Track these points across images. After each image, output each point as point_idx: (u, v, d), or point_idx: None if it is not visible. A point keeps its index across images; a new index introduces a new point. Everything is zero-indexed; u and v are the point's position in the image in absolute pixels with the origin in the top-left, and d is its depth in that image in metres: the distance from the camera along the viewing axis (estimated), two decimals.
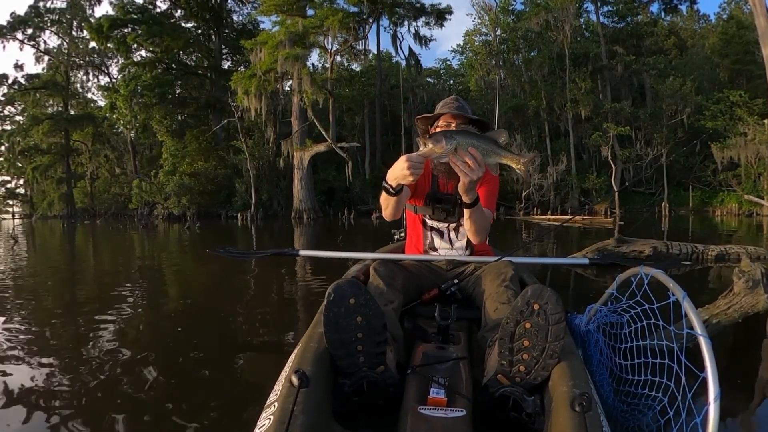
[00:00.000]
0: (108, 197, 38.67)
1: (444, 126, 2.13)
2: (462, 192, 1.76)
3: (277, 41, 24.41)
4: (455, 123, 2.11)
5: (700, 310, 2.88)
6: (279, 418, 1.19)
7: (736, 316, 2.82)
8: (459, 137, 1.54)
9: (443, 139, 1.53)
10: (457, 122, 2.11)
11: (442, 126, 2.15)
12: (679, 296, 1.33)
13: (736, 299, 2.88)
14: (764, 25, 13.34)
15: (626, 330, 1.64)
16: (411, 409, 1.40)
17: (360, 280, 1.93)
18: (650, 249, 6.13)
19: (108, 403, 2.17)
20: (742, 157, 24.15)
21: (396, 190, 1.81)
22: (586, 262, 2.56)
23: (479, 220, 1.94)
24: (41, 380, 2.45)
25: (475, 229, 1.98)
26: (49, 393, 2.29)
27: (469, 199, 1.80)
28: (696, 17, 40.87)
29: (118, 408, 2.12)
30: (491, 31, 33.19)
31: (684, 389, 1.34)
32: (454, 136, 1.54)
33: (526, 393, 1.40)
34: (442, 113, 2.15)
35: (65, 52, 39.87)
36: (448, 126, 2.12)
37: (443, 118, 2.15)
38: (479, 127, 2.19)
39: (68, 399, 2.21)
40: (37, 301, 4.65)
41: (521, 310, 1.40)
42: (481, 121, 2.14)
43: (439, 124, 2.16)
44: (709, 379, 1.17)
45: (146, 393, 2.29)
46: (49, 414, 2.06)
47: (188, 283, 6.13)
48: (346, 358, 1.45)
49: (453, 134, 1.56)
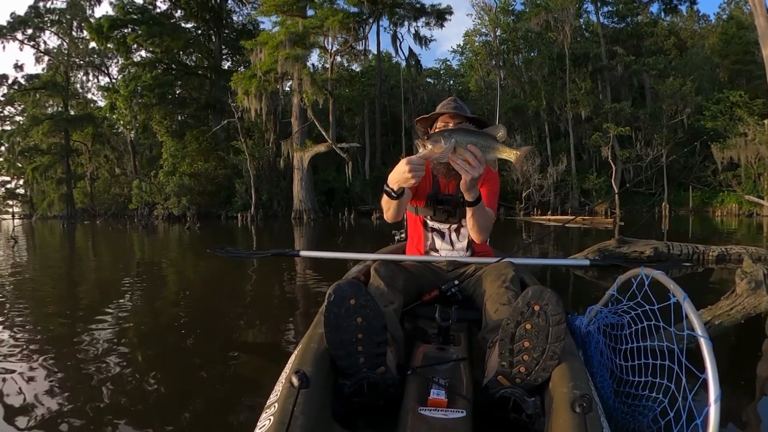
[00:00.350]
0: (108, 198, 38.70)
1: (442, 126, 2.14)
2: (464, 190, 1.76)
3: (277, 41, 24.42)
4: (453, 122, 2.11)
5: (703, 311, 2.88)
6: (279, 418, 1.19)
7: (739, 317, 2.82)
8: (457, 135, 1.54)
9: (441, 138, 1.53)
10: (455, 121, 2.11)
11: (440, 126, 2.15)
12: (680, 297, 1.33)
13: (738, 300, 2.88)
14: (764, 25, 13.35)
15: (626, 331, 1.64)
16: (411, 410, 1.40)
17: (360, 281, 1.93)
18: (651, 250, 6.11)
19: (107, 404, 2.17)
20: (742, 158, 24.17)
21: (397, 194, 1.81)
22: (587, 263, 2.55)
23: (482, 219, 1.94)
24: (41, 380, 2.45)
25: (477, 228, 1.98)
26: (48, 393, 2.28)
27: (471, 197, 1.80)
28: (696, 17, 40.94)
29: (117, 408, 2.12)
30: (491, 32, 33.21)
31: (684, 390, 1.34)
32: (451, 135, 1.54)
33: (527, 394, 1.39)
34: (440, 113, 2.16)
35: (65, 53, 39.90)
36: (447, 126, 2.12)
37: (441, 118, 2.15)
38: (477, 125, 2.20)
39: (68, 400, 2.21)
40: (37, 302, 4.64)
41: (522, 311, 1.40)
42: (479, 120, 2.14)
43: (438, 125, 2.17)
44: (710, 380, 1.17)
45: (146, 393, 2.29)
46: (48, 414, 2.05)
47: (189, 283, 6.12)
48: (347, 359, 1.45)
49: (451, 133, 1.56)
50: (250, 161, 27.33)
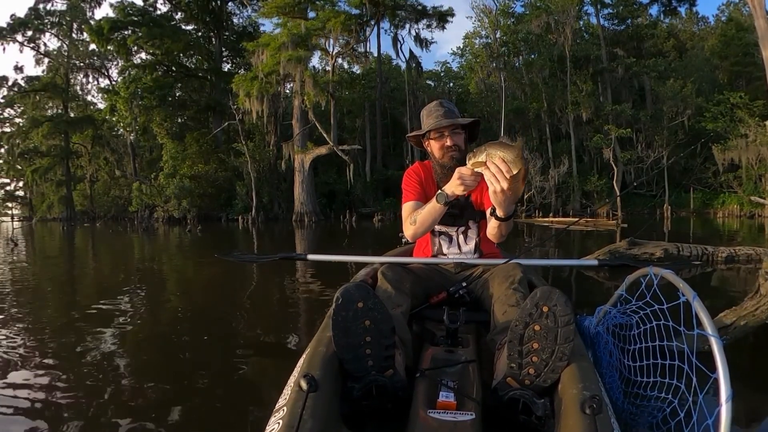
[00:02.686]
0: (107, 200, 38.71)
1: (437, 137, 2.16)
2: (495, 204, 1.73)
3: (279, 43, 24.41)
4: (448, 132, 2.14)
5: (728, 311, 2.89)
6: (288, 422, 1.19)
7: (764, 317, 2.81)
8: (489, 148, 1.57)
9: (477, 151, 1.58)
10: (450, 129, 2.14)
11: (434, 137, 2.17)
12: (689, 296, 1.32)
13: (763, 300, 2.88)
14: (764, 27, 13.34)
15: (635, 331, 1.63)
16: (420, 413, 1.39)
17: (368, 284, 1.93)
18: (662, 251, 6.18)
19: (110, 409, 2.16)
20: (743, 159, 24.17)
21: (449, 201, 1.85)
22: (595, 264, 2.53)
23: (505, 231, 1.93)
24: (41, 384, 2.44)
25: (497, 237, 1.97)
26: (48, 397, 2.27)
27: (502, 213, 1.77)
28: (695, 19, 41.03)
29: (119, 413, 2.11)
30: (491, 34, 33.24)
31: (695, 390, 1.33)
32: (485, 148, 1.57)
33: (536, 396, 1.38)
34: (430, 128, 2.16)
35: (65, 55, 39.94)
36: (442, 136, 2.14)
37: (433, 132, 2.17)
38: (473, 127, 2.23)
39: (68, 404, 2.20)
40: (37, 305, 4.63)
41: (530, 313, 1.39)
42: (474, 122, 2.19)
43: (432, 137, 2.18)
44: (721, 380, 1.16)
45: (149, 399, 2.28)
46: (49, 419, 2.05)
47: (191, 287, 6.11)
48: (355, 362, 1.44)
49: (485, 147, 1.59)
50: (250, 163, 27.32)
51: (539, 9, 30.26)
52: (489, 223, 1.95)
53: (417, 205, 2.11)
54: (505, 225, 1.87)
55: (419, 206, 2.08)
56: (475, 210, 2.22)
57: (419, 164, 2.31)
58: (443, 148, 2.15)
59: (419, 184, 2.21)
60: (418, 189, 2.20)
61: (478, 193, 2.19)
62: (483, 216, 2.20)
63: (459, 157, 2.11)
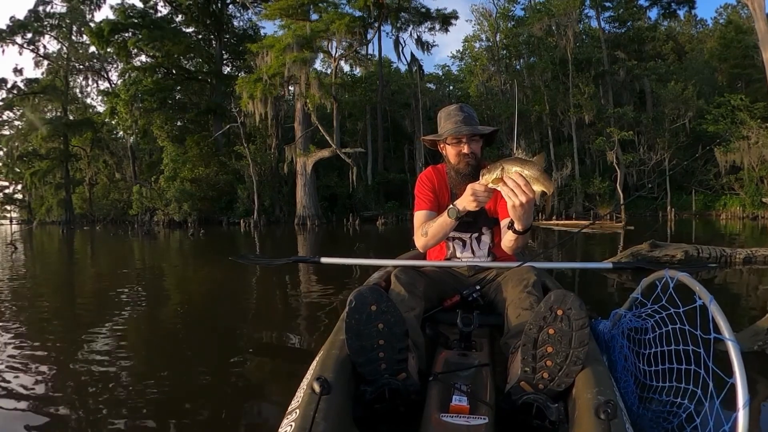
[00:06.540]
0: (107, 203, 38.63)
1: (454, 143, 2.12)
2: (514, 218, 1.75)
3: (284, 44, 24.32)
4: (466, 139, 2.10)
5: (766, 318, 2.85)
6: (300, 424, 1.19)
7: None
8: (505, 163, 1.58)
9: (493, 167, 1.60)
10: (468, 137, 2.10)
11: (451, 143, 2.13)
12: (706, 300, 1.31)
13: None
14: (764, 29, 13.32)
15: (651, 335, 1.62)
16: (432, 417, 1.38)
17: (381, 287, 1.92)
18: (682, 253, 6.26)
19: (111, 413, 2.15)
20: (745, 161, 24.17)
21: (460, 216, 1.86)
22: (610, 266, 2.52)
23: (521, 243, 1.93)
24: (41, 386, 2.44)
25: (514, 248, 1.98)
26: (48, 399, 2.27)
27: (520, 227, 1.79)
28: (693, 22, 41.09)
29: (121, 417, 2.10)
30: (491, 37, 33.27)
31: (711, 396, 1.32)
32: (501, 163, 1.58)
33: (550, 400, 1.38)
34: (449, 133, 2.12)
35: (65, 57, 39.84)
36: (460, 143, 2.10)
37: (450, 137, 2.12)
38: (490, 136, 2.20)
39: (68, 407, 2.19)
40: (37, 309, 4.63)
41: (544, 316, 1.39)
42: (493, 132, 2.17)
43: (450, 142, 2.14)
44: (738, 385, 1.15)
45: (151, 403, 2.26)
46: (48, 420, 2.04)
47: (194, 291, 6.09)
48: (368, 365, 1.44)
49: (501, 162, 1.60)
50: (252, 167, 27.25)
51: (541, 12, 30.30)
52: (506, 236, 1.95)
53: (429, 215, 2.12)
54: (522, 238, 1.87)
55: (431, 216, 2.09)
56: (488, 217, 2.21)
57: (432, 169, 2.29)
58: (459, 154, 2.12)
59: (432, 192, 2.20)
60: (431, 197, 2.19)
61: (492, 201, 2.17)
62: (496, 222, 2.19)
63: (475, 165, 2.10)
